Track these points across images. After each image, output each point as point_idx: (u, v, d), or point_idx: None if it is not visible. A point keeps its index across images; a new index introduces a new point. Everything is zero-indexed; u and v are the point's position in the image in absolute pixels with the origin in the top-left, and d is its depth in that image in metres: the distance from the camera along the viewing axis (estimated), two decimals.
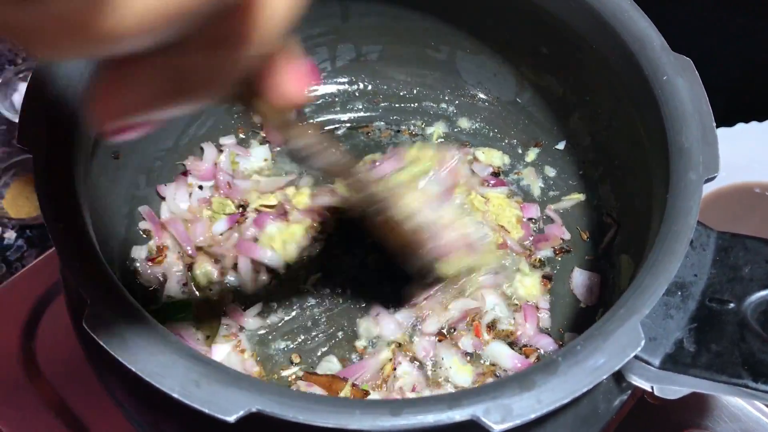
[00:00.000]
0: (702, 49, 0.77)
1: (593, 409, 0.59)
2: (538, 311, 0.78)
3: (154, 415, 0.58)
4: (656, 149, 0.63)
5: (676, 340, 0.55)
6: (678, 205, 0.55)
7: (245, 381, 0.47)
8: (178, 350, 0.48)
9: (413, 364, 0.74)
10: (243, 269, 0.79)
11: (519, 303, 0.79)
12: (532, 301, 0.79)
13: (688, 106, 0.60)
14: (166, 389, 0.46)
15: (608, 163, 0.81)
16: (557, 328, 0.78)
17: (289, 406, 0.45)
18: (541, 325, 0.78)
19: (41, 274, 0.89)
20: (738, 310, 0.55)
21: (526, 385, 0.47)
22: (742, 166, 0.98)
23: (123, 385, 0.59)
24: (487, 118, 0.93)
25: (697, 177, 0.57)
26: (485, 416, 0.46)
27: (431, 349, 0.74)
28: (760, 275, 0.56)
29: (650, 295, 0.51)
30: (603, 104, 0.78)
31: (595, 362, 0.48)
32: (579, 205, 0.86)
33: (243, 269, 0.79)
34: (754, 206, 0.99)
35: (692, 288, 0.57)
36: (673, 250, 0.53)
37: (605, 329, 0.50)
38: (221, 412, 0.45)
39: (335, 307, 0.78)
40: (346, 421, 0.45)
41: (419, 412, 0.46)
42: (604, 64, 0.71)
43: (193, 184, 0.85)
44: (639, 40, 0.65)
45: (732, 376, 0.52)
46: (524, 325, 0.77)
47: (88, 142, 0.62)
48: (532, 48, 0.84)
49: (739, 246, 0.58)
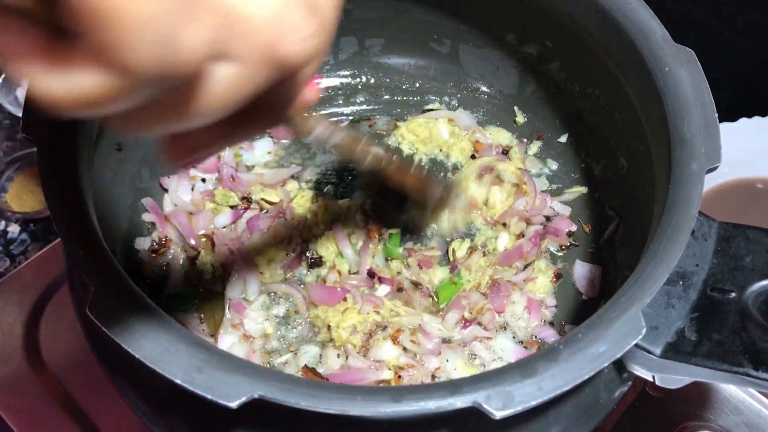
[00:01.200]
0: (707, 44, 0.77)
1: (595, 398, 0.59)
2: (544, 306, 0.79)
3: (158, 403, 0.58)
4: (658, 140, 0.63)
5: (677, 329, 0.55)
6: (680, 195, 0.55)
7: (248, 367, 0.47)
8: (181, 337, 0.48)
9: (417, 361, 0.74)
10: (243, 263, 0.79)
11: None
12: (539, 296, 0.79)
13: (690, 97, 0.60)
14: (169, 375, 0.46)
15: (610, 155, 0.81)
16: (559, 320, 0.78)
17: (291, 392, 0.46)
18: (543, 320, 0.78)
19: (44, 267, 0.89)
20: (739, 300, 0.55)
21: (527, 372, 0.47)
22: (744, 161, 0.98)
23: (126, 373, 0.60)
24: (489, 111, 0.93)
25: (699, 167, 0.57)
26: (486, 403, 0.46)
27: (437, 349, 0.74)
28: (762, 265, 0.56)
29: (652, 284, 0.51)
30: (605, 96, 0.78)
31: (597, 350, 0.48)
32: (581, 197, 0.86)
33: (243, 263, 0.79)
34: (756, 201, 0.99)
35: (694, 277, 0.57)
36: (674, 240, 0.53)
37: (607, 317, 0.50)
38: (224, 398, 0.45)
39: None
40: (348, 407, 0.45)
41: (421, 398, 0.46)
42: (606, 56, 0.71)
43: (196, 177, 0.85)
44: (641, 31, 0.65)
45: (733, 365, 0.52)
46: (528, 318, 0.77)
47: (91, 134, 0.62)
48: (535, 40, 0.84)
49: (740, 236, 0.58)
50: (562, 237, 0.82)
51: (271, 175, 0.86)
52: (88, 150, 0.61)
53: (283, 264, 0.79)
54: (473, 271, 0.80)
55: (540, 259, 0.81)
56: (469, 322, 0.76)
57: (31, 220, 1.02)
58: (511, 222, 0.83)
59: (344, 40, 0.92)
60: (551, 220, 0.84)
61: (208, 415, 0.57)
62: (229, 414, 0.47)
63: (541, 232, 0.83)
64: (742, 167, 0.98)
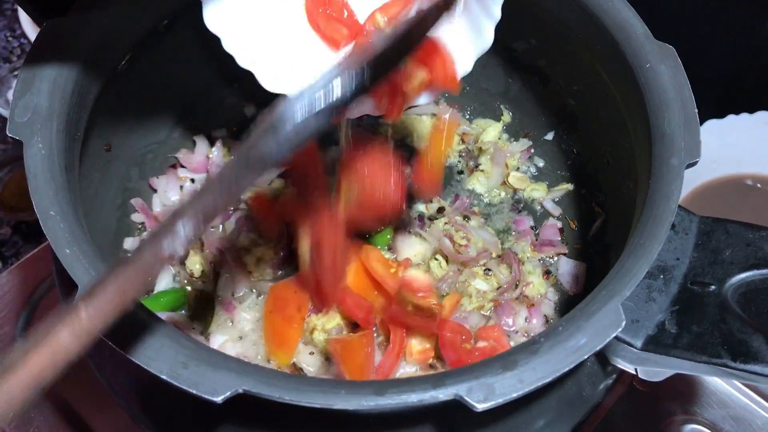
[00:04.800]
0: (695, 42, 0.77)
1: (578, 391, 0.59)
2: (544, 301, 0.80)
3: (145, 400, 0.59)
4: (640, 136, 0.63)
5: (658, 322, 0.55)
6: (660, 190, 0.56)
7: (233, 362, 0.48)
8: (166, 333, 0.48)
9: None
10: (232, 263, 0.79)
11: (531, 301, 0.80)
12: (539, 297, 0.80)
13: (670, 93, 0.61)
14: (154, 371, 0.46)
15: (596, 152, 0.82)
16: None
17: (275, 386, 0.46)
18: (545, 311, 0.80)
19: (36, 267, 0.90)
20: (719, 293, 0.56)
21: (508, 365, 0.48)
22: (733, 157, 0.99)
23: (115, 370, 0.60)
24: (476, 109, 0.94)
25: (679, 162, 0.57)
26: (468, 395, 0.46)
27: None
28: (741, 258, 0.57)
29: (631, 277, 0.52)
30: (590, 93, 0.79)
31: (577, 342, 0.49)
32: (568, 194, 0.87)
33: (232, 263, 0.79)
34: (745, 197, 0.99)
35: (674, 271, 0.58)
36: (654, 234, 0.54)
37: (587, 311, 0.50)
38: (209, 392, 0.46)
39: None
40: (331, 401, 0.46)
41: (403, 391, 0.47)
42: (590, 54, 0.72)
43: (185, 177, 0.86)
44: (623, 28, 0.66)
45: (712, 356, 0.53)
46: (531, 322, 0.78)
47: (79, 134, 0.63)
48: (520, 38, 0.84)
49: (720, 230, 0.59)
50: (557, 245, 0.83)
51: None
52: (75, 150, 0.61)
53: (271, 263, 0.80)
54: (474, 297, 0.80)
55: (525, 264, 0.82)
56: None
57: (23, 222, 1.02)
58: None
59: None
60: (537, 228, 0.85)
61: (196, 412, 0.57)
62: (216, 410, 0.47)
63: (536, 243, 0.84)
64: (731, 163, 0.99)
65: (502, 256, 0.82)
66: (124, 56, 0.70)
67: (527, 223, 0.86)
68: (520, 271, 0.80)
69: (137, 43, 0.70)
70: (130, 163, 0.81)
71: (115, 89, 0.69)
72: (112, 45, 0.66)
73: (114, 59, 0.68)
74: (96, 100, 0.65)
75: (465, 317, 0.77)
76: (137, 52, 0.71)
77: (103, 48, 0.64)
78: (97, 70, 0.64)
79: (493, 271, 0.80)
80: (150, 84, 0.77)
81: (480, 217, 0.86)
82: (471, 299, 0.78)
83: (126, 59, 0.70)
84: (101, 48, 0.64)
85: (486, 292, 0.79)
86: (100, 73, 0.65)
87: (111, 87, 0.68)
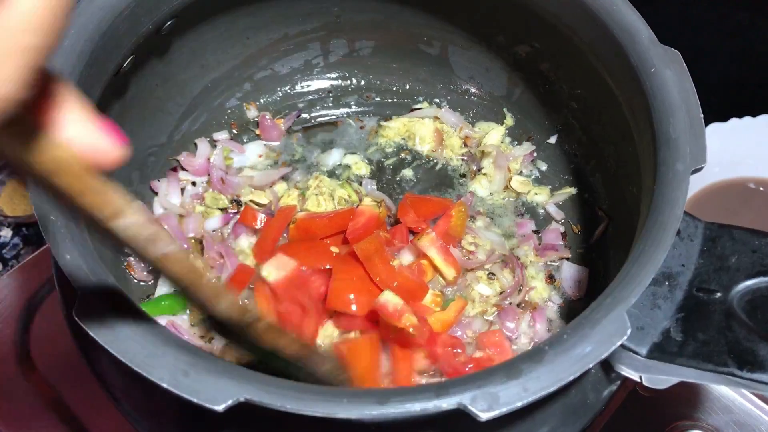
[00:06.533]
0: (698, 46, 0.77)
1: (582, 399, 0.59)
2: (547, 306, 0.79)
3: (145, 407, 0.59)
4: (645, 141, 0.63)
5: (663, 329, 0.55)
6: (665, 196, 0.56)
7: (234, 370, 0.47)
8: (167, 340, 0.48)
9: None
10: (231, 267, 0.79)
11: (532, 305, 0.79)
12: (542, 301, 0.79)
13: (675, 97, 0.61)
14: (155, 379, 0.46)
15: (599, 156, 0.81)
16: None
17: (277, 395, 0.46)
18: (549, 315, 0.79)
19: (36, 270, 0.89)
20: (725, 300, 0.55)
21: (512, 373, 0.47)
22: (736, 161, 0.99)
23: (115, 376, 0.60)
24: (478, 112, 0.94)
25: (684, 168, 0.57)
26: (472, 404, 0.46)
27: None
28: (747, 265, 0.57)
29: (636, 284, 0.51)
30: (593, 97, 0.79)
31: (582, 350, 0.48)
32: (571, 198, 0.86)
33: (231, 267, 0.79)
34: (748, 201, 0.99)
35: (680, 278, 0.57)
36: (659, 240, 0.53)
37: (592, 318, 0.50)
38: (210, 401, 0.45)
39: None
40: (333, 410, 0.45)
41: (406, 400, 0.46)
42: (594, 58, 0.72)
43: (186, 180, 0.85)
44: (628, 32, 0.65)
45: (718, 365, 0.53)
46: (535, 326, 0.78)
47: None
48: (523, 42, 0.84)
49: (726, 236, 0.58)
50: (560, 249, 0.83)
51: (260, 177, 0.86)
52: None
53: None
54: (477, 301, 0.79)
55: (528, 268, 0.81)
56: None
57: (23, 225, 1.02)
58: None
59: (334, 43, 0.92)
60: (540, 233, 0.85)
61: (196, 418, 0.57)
62: (217, 417, 0.47)
63: (539, 247, 0.83)
64: (733, 167, 0.99)
65: (506, 260, 0.81)
66: (126, 59, 0.69)
67: (530, 227, 0.85)
68: (523, 276, 0.80)
69: (139, 45, 0.70)
70: (131, 167, 0.80)
71: (116, 92, 0.68)
72: (113, 48, 0.66)
73: (115, 62, 0.68)
74: (97, 103, 0.64)
75: (468, 322, 0.76)
76: (139, 55, 0.71)
77: (104, 51, 0.64)
78: (98, 74, 0.63)
79: (497, 276, 0.80)
80: (151, 87, 0.76)
81: (486, 217, 0.85)
82: (474, 304, 0.78)
83: (128, 62, 0.70)
84: (102, 51, 0.63)
85: (489, 296, 0.79)
86: (101, 76, 0.64)
87: (112, 90, 0.67)
